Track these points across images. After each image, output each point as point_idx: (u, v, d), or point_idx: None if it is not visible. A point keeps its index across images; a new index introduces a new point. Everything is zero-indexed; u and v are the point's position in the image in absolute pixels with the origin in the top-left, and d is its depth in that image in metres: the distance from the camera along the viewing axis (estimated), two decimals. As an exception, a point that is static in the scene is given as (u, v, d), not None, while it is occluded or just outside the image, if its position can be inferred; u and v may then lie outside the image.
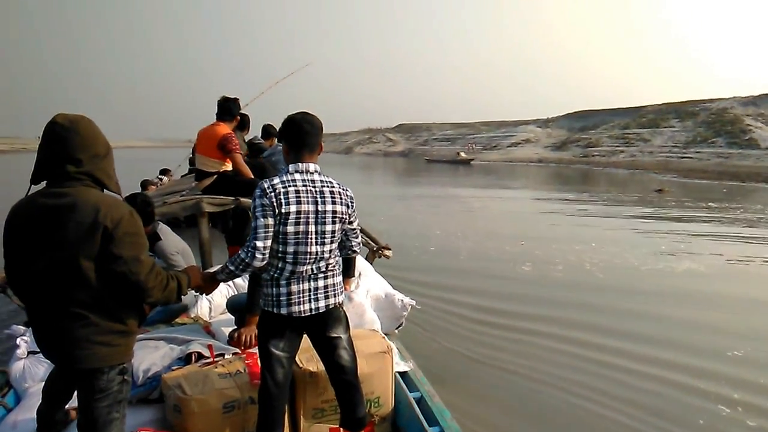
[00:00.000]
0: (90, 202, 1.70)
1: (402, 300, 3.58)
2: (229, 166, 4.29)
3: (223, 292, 3.48)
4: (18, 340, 2.85)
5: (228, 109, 4.29)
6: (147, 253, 1.84)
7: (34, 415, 2.18)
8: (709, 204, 17.62)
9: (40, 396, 2.17)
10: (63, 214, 1.68)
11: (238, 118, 4.49)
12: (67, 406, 2.20)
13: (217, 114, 4.31)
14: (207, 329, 3.11)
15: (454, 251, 9.37)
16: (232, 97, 4.36)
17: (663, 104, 59.71)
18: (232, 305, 3.16)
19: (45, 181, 1.77)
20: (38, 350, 2.67)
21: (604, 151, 53.53)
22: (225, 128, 4.21)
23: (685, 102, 57.65)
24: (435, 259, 8.85)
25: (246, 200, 4.00)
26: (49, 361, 2.16)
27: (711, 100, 55.10)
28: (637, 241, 10.55)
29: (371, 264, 4.23)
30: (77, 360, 1.75)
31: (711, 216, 14.52)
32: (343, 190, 2.16)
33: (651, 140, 51.90)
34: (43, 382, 2.28)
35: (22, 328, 2.99)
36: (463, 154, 55.89)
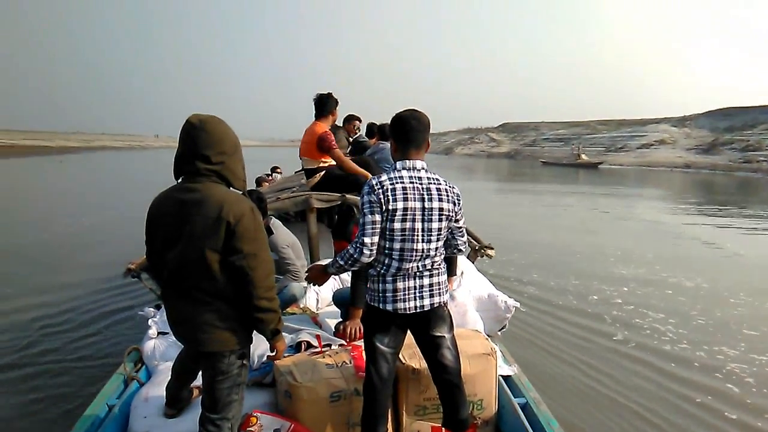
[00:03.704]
0: (215, 198, 1.83)
1: (506, 301, 3.47)
2: (330, 161, 4.41)
3: (329, 285, 3.61)
4: (149, 322, 3.16)
5: (322, 106, 4.33)
6: (267, 251, 1.91)
7: (163, 390, 2.38)
8: None
9: (168, 373, 2.36)
10: (192, 209, 1.82)
11: (335, 111, 4.46)
12: (192, 385, 2.39)
13: (315, 113, 4.37)
14: (314, 320, 3.24)
15: None
16: (326, 92, 4.38)
17: None
18: (338, 298, 3.27)
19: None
20: (167, 331, 2.96)
21: (772, 156, 44.68)
22: (321, 127, 4.29)
23: None
24: None
25: (351, 197, 4.11)
26: (175, 341, 2.36)
27: None
28: None
29: (473, 263, 4.15)
30: (202, 343, 1.89)
31: None
32: (450, 187, 2.13)
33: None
34: (170, 361, 2.50)
35: (152, 310, 3.32)
36: (584, 156, 51.05)
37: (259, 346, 2.51)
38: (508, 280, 7.01)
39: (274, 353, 2.07)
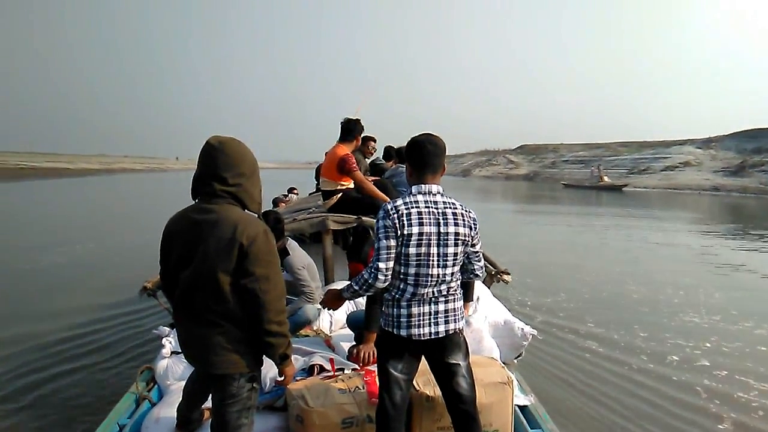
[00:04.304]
0: (230, 219, 1.82)
1: (522, 329, 3.41)
2: (349, 183, 4.46)
3: (343, 307, 3.58)
4: (163, 341, 3.15)
5: (348, 130, 4.44)
6: (280, 274, 1.90)
7: (174, 411, 2.36)
8: None
9: (180, 393, 2.35)
10: (206, 229, 1.82)
11: (359, 137, 4.58)
12: (203, 406, 2.36)
13: (339, 136, 4.46)
14: (327, 342, 3.22)
15: None
16: (354, 118, 4.49)
17: None
18: (352, 322, 3.25)
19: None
20: (180, 351, 2.95)
21: (807, 179, 42.48)
22: (343, 150, 4.36)
23: None
24: None
25: (368, 219, 4.11)
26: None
27: None
28: None
29: (489, 288, 4.10)
30: (212, 365, 1.87)
31: None
32: (466, 211, 2.11)
33: None
34: (183, 381, 2.48)
35: (166, 329, 3.30)
36: (607, 179, 49.79)
37: (272, 368, 2.48)
38: (557, 325, 6.01)
39: (282, 378, 2.04)
